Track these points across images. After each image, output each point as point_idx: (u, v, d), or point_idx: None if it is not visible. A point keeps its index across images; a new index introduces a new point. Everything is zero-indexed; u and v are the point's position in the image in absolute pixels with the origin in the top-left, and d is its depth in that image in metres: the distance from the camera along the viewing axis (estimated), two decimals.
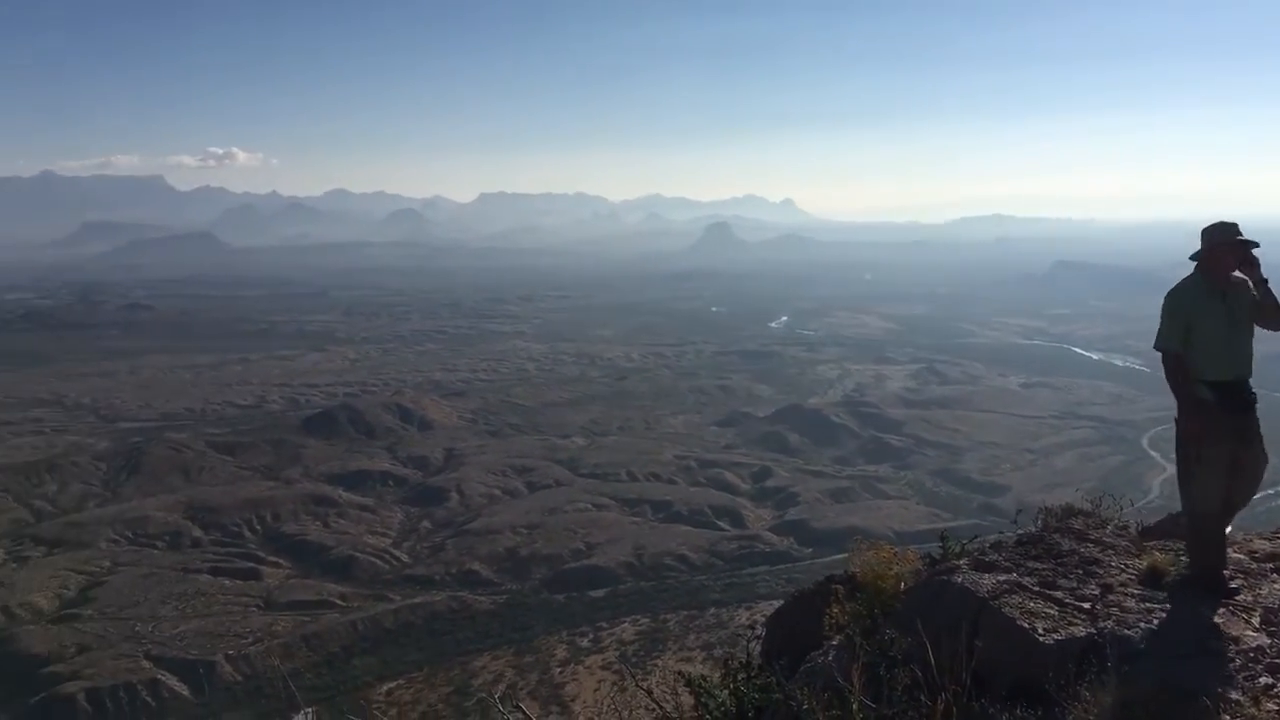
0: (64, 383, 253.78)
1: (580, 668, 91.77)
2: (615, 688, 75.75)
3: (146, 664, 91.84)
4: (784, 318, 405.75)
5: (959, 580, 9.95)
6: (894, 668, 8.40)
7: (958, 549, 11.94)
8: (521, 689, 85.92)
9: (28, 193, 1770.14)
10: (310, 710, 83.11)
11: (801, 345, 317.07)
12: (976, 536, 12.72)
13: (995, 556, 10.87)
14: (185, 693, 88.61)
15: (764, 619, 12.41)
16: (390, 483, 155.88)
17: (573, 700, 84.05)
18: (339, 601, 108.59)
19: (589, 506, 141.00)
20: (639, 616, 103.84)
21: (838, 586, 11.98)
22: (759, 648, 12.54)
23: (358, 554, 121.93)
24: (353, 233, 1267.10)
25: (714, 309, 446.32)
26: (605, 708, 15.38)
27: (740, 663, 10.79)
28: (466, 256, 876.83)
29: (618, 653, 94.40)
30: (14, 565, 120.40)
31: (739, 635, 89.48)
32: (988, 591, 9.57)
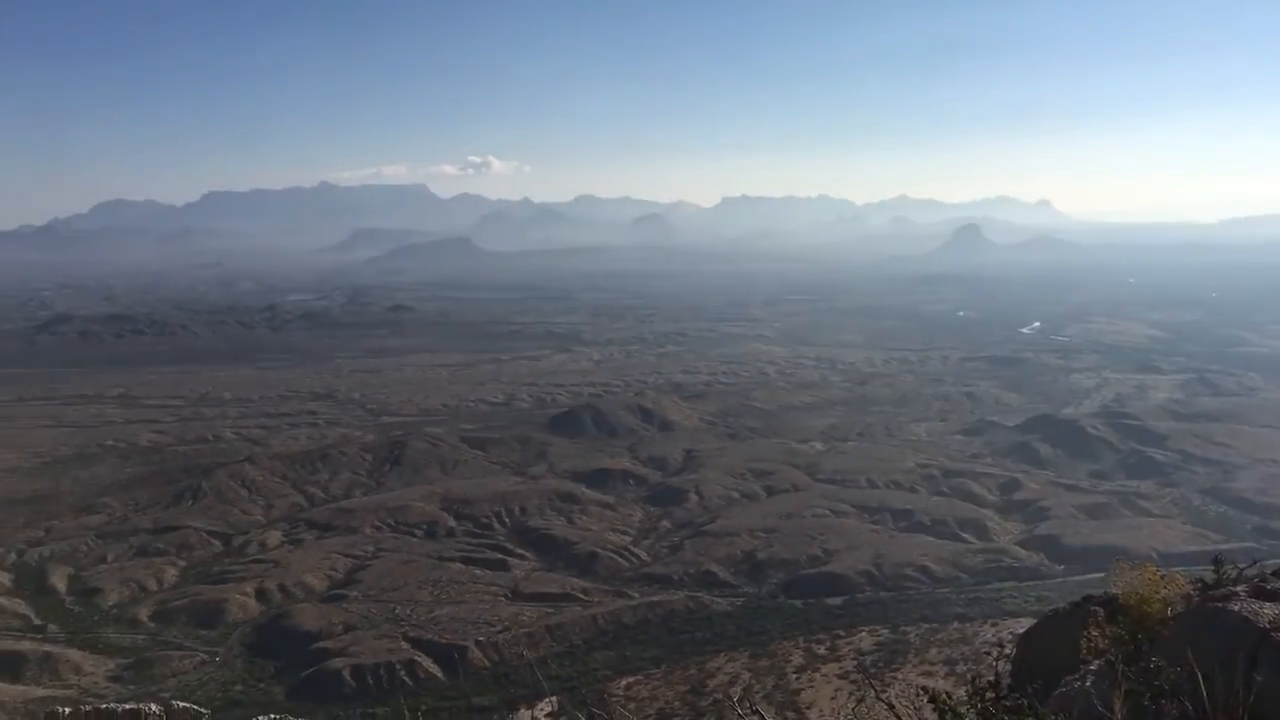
0: (336, 379, 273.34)
1: (817, 675, 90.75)
2: (853, 698, 74.44)
3: (405, 645, 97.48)
4: (1037, 323, 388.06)
5: (1236, 608, 9.18)
6: (1161, 698, 7.84)
7: (1234, 574, 11.05)
8: (757, 692, 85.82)
9: (307, 203, 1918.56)
10: (553, 699, 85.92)
11: (1055, 352, 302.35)
12: (1255, 561, 11.74)
13: (1278, 584, 9.98)
14: (439, 674, 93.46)
15: (1013, 637, 11.88)
16: (631, 481, 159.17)
17: (809, 707, 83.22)
18: (581, 595, 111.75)
19: (827, 512, 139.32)
20: (878, 627, 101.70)
21: (1096, 608, 11.33)
22: (1008, 667, 12.01)
23: (599, 550, 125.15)
24: (599, 237, 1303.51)
25: (961, 313, 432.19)
26: (843, 718, 15.12)
27: (988, 682, 10.34)
28: (708, 260, 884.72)
29: (855, 662, 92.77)
30: (290, 547, 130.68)
31: (985, 653, 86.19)
32: (1269, 622, 8.79)
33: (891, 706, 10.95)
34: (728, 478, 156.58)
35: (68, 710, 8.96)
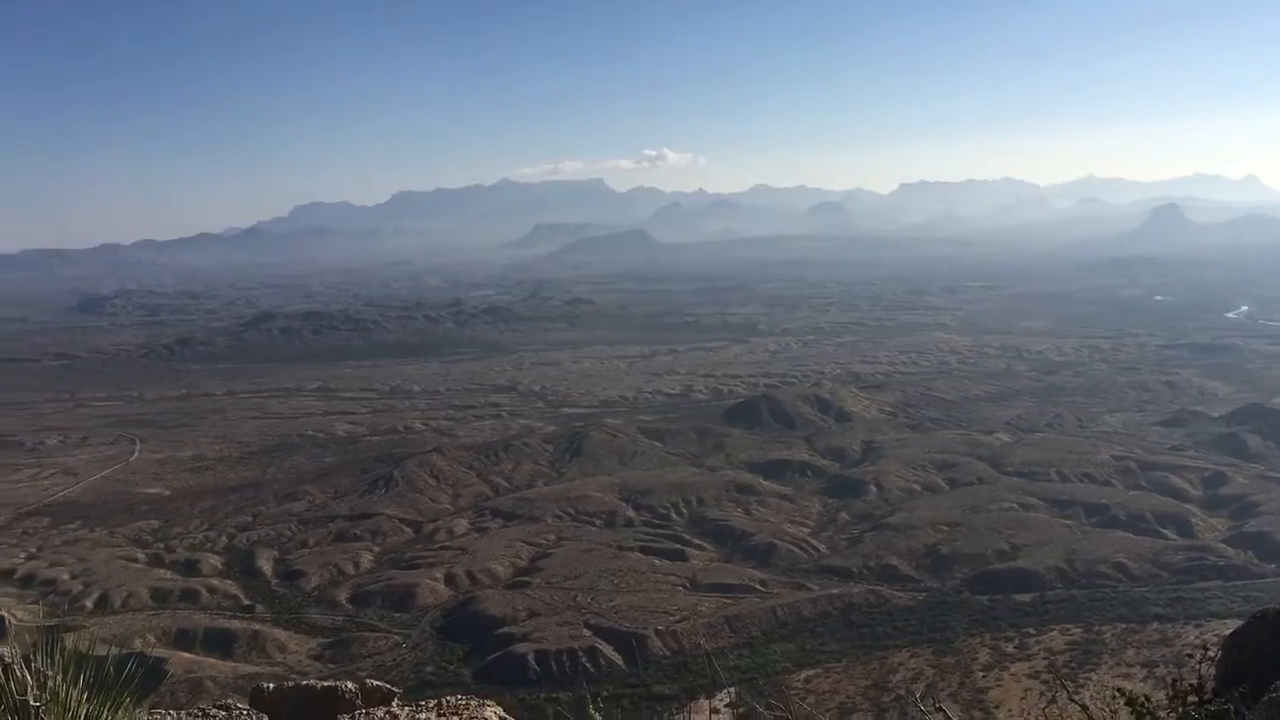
0: (518, 371, 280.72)
1: (1005, 674, 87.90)
2: (1044, 699, 71.93)
3: (586, 632, 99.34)
4: (1244, 307, 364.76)
5: None
6: None
7: None
8: (942, 689, 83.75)
9: (489, 199, 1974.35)
10: (732, 690, 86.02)
11: (1266, 338, 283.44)
12: None
13: None
14: (619, 662, 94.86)
15: (1219, 639, 11.15)
16: (809, 473, 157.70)
17: (996, 707, 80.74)
18: (759, 587, 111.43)
19: (1014, 506, 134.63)
20: (1069, 625, 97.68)
21: None
22: (1213, 671, 11.33)
23: (777, 542, 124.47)
24: (774, 227, 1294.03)
25: (1159, 298, 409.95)
26: (1034, 719, 14.58)
27: (1191, 685, 9.78)
28: (886, 248, 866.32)
29: (1046, 662, 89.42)
30: (476, 535, 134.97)
31: (1188, 655, 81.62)
32: None
33: (1085, 708, 10.50)
34: (908, 470, 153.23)
35: (271, 686, 9.47)
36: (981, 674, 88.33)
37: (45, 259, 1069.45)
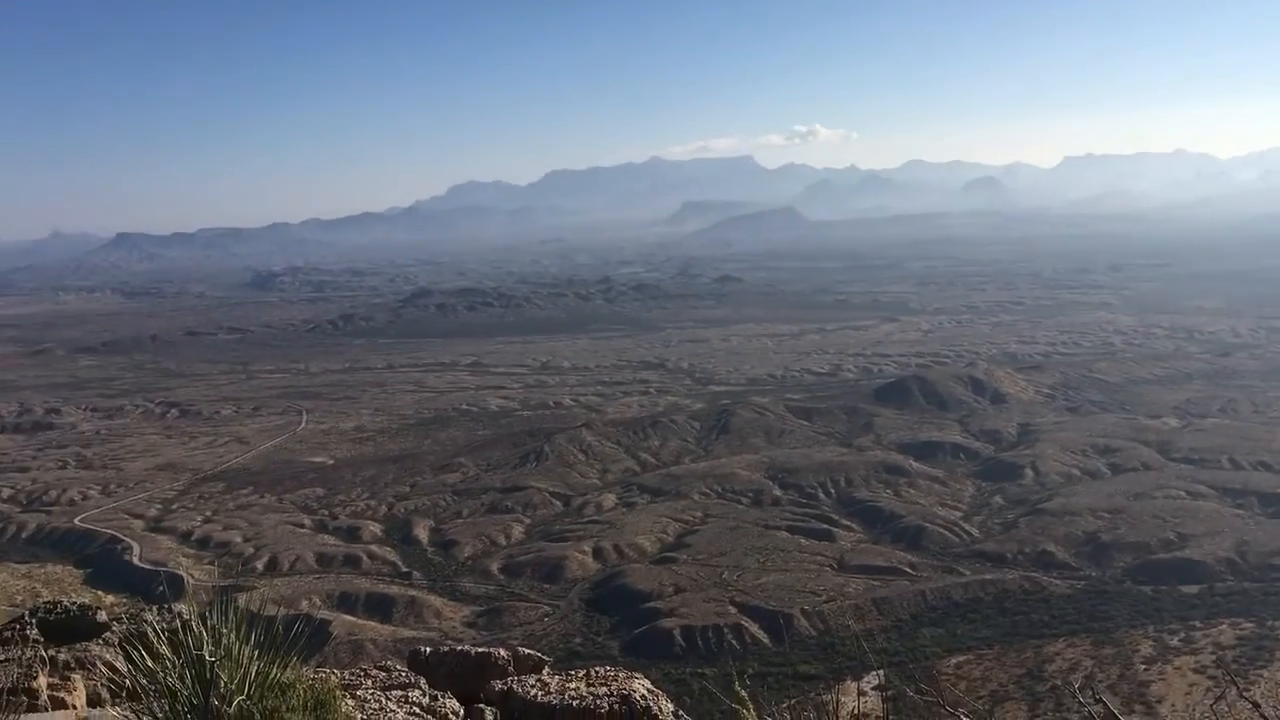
0: (666, 348, 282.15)
1: (1169, 668, 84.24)
2: (1212, 695, 68.74)
3: (732, 609, 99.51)
4: None
5: None
6: None
7: None
8: (1101, 681, 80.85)
9: (639, 177, 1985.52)
10: (880, 672, 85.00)
11: None
12: None
13: None
14: (765, 640, 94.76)
15: None
16: (961, 455, 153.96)
17: (1159, 701, 77.54)
18: (908, 570, 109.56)
19: (1182, 494, 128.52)
20: (1240, 620, 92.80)
21: None
22: None
23: (928, 524, 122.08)
24: (929, 203, 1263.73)
25: None
26: (1200, 715, 13.98)
27: None
28: (1048, 224, 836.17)
29: (1214, 657, 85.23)
30: (624, 510, 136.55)
31: None
32: None
33: (1257, 706, 10.01)
34: (1067, 454, 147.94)
35: (428, 650, 9.81)
36: (1144, 667, 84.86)
37: (221, 237, 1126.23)
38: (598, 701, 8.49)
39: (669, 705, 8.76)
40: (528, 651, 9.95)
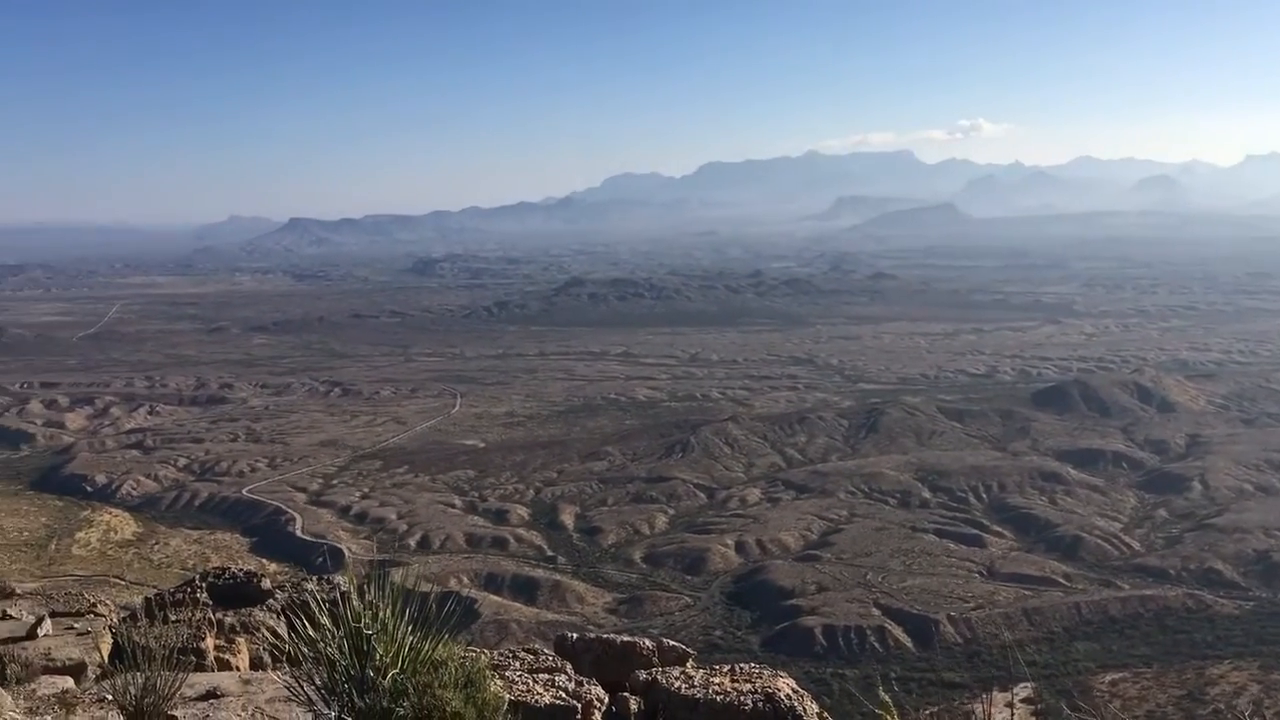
0: (816, 344, 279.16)
1: None
2: None
3: (875, 611, 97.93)
4: None
5: None
6: None
7: None
8: (1268, 708, 76.43)
9: (794, 171, 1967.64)
10: (1030, 685, 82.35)
11: None
12: None
13: None
14: (909, 644, 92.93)
15: None
16: (1124, 465, 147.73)
17: None
18: (1062, 581, 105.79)
19: None
20: None
21: None
22: None
23: (1085, 535, 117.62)
24: (1097, 201, 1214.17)
25: None
26: None
27: None
28: (1227, 225, 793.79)
29: None
30: (768, 505, 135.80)
31: None
32: None
33: None
34: (1239, 467, 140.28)
35: (574, 636, 9.92)
36: None
37: (386, 224, 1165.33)
38: (742, 698, 8.43)
39: (814, 706, 8.64)
40: (672, 643, 9.95)
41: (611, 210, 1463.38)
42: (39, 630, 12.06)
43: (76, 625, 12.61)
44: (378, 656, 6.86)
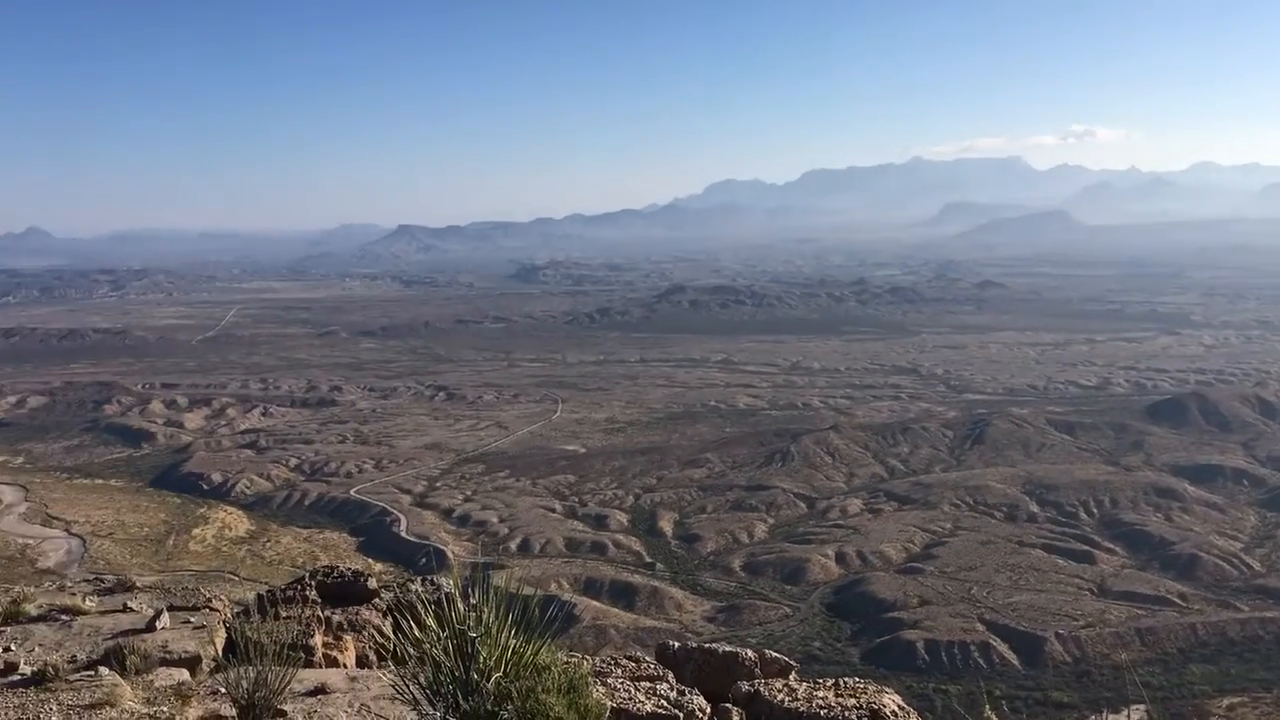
0: (920, 353, 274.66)
1: None
2: None
3: (980, 627, 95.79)
4: None
5: None
6: None
7: None
8: None
9: (898, 178, 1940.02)
10: (1143, 708, 79.64)
11: None
12: None
13: None
14: (1014, 661, 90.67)
15: None
16: (1244, 481, 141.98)
17: None
18: (1177, 600, 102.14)
19: None
20: None
21: None
22: None
23: (1202, 553, 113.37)
24: (1219, 208, 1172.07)
25: None
26: None
27: None
28: None
29: None
30: (869, 515, 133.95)
31: None
32: None
33: None
34: None
35: (676, 645, 9.86)
36: None
37: (490, 231, 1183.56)
38: (846, 713, 8.27)
39: None
40: (774, 655, 9.82)
41: (713, 217, 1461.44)
42: (157, 623, 12.45)
43: (192, 619, 12.99)
44: (481, 659, 6.91)
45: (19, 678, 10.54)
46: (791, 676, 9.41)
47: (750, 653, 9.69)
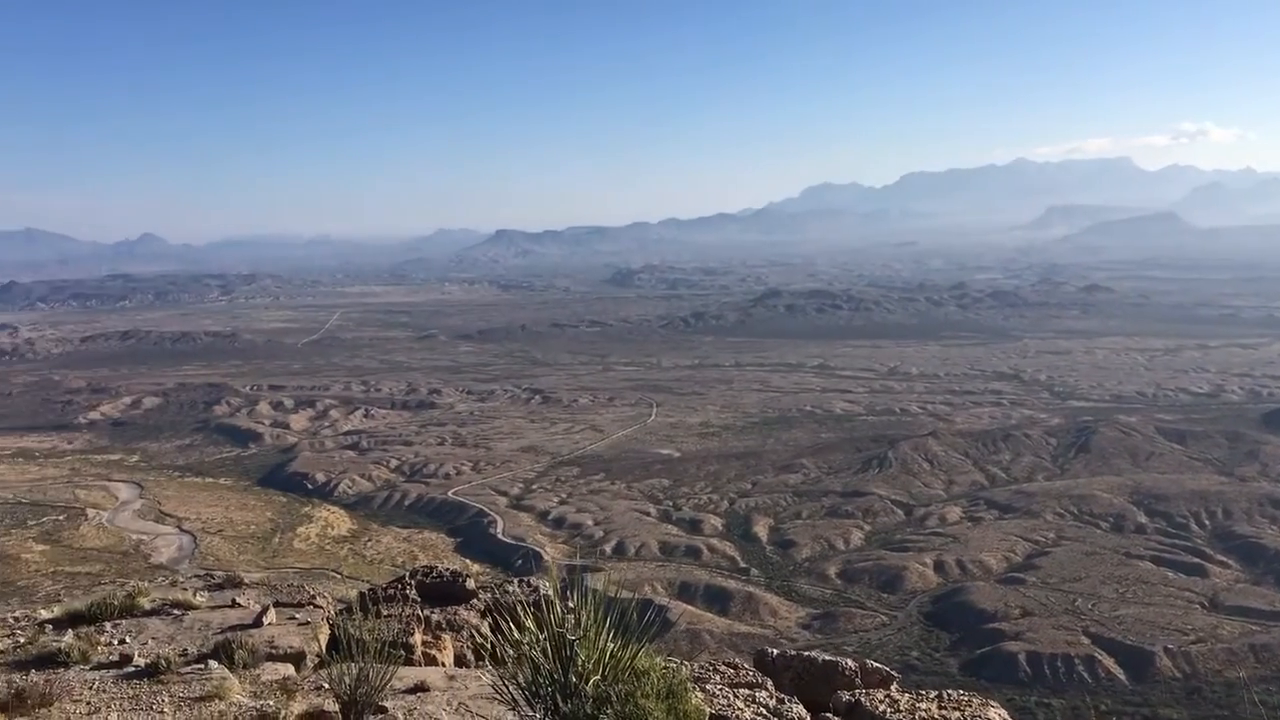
0: (1022, 359, 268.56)
1: None
2: None
3: (1085, 640, 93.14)
4: None
5: None
6: None
7: None
8: None
9: (1001, 180, 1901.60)
10: None
11: None
12: None
13: None
14: (1121, 676, 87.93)
15: None
16: None
17: None
18: None
19: None
20: None
21: None
22: None
23: None
24: None
25: None
26: None
27: None
28: None
29: None
30: (969, 524, 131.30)
31: None
32: None
33: None
34: None
35: (775, 652, 9.75)
36: None
37: (586, 235, 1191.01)
38: None
39: None
40: (875, 665, 9.63)
41: (809, 221, 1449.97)
42: (264, 619, 12.76)
43: (297, 616, 13.29)
44: (580, 662, 6.90)
45: (133, 669, 10.90)
46: (893, 687, 9.21)
47: (851, 662, 9.52)
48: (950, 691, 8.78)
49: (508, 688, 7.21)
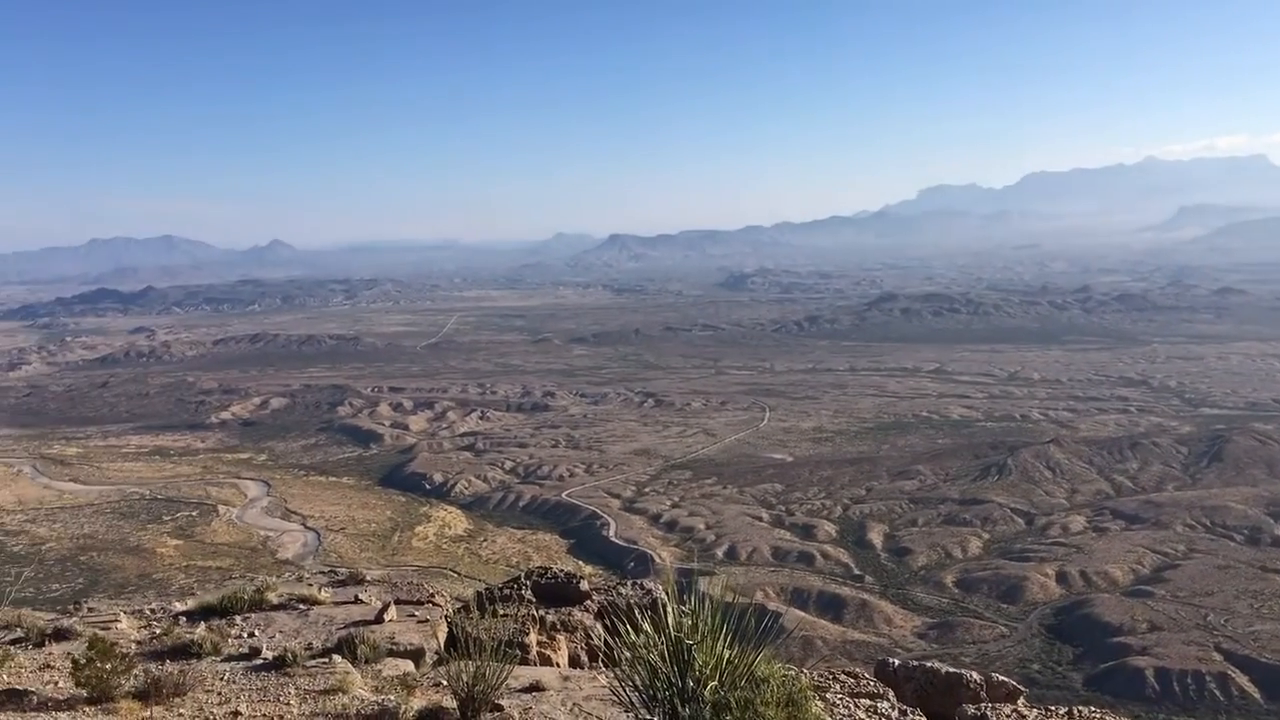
0: (1150, 364, 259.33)
1: None
2: None
3: (1217, 656, 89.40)
4: None
5: None
6: None
7: None
8: None
9: (1129, 180, 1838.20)
10: None
11: None
12: None
13: None
14: (1256, 695, 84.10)
15: None
16: None
17: None
18: None
19: None
20: None
21: None
22: None
23: None
24: None
25: None
26: None
27: None
28: None
29: None
30: (1093, 534, 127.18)
31: None
32: None
33: None
34: None
35: (896, 662, 9.54)
36: None
37: (699, 239, 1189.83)
38: None
39: None
40: (1001, 678, 9.34)
41: (926, 223, 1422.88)
42: (385, 616, 13.03)
43: (417, 613, 13.54)
44: (697, 667, 6.84)
45: (261, 662, 11.24)
46: (1020, 702, 8.91)
47: (976, 674, 9.24)
48: (1080, 708, 8.46)
49: (625, 690, 7.18)
